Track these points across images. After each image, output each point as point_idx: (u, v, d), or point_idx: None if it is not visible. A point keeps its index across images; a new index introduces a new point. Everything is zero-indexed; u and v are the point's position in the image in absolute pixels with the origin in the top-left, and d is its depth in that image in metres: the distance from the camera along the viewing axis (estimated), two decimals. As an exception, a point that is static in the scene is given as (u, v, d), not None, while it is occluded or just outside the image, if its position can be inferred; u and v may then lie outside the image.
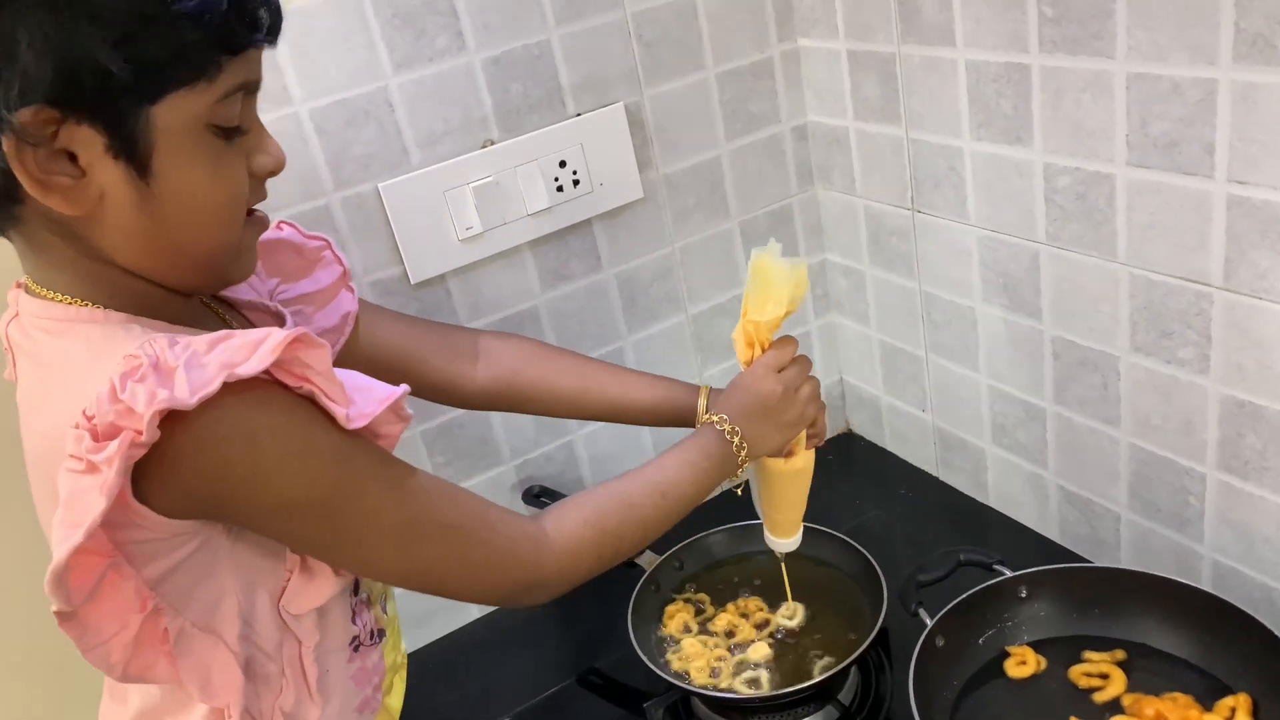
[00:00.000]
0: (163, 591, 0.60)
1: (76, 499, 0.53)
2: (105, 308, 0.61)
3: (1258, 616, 0.85)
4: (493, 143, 1.08)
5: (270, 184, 0.77)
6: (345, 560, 0.67)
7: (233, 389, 0.55)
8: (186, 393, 0.53)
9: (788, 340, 0.87)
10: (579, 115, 1.11)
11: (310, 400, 0.59)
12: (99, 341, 0.60)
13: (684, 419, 0.93)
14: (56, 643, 0.59)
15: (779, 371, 0.85)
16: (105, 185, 0.57)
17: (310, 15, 0.96)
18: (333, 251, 0.86)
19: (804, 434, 0.89)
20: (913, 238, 1.17)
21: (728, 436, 0.83)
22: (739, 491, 0.86)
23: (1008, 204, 1.02)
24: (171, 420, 0.54)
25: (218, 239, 0.63)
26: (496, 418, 1.18)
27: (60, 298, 0.61)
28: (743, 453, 0.83)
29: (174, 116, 0.57)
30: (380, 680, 0.77)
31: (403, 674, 0.87)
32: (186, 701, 0.66)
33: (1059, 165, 0.94)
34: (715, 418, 0.84)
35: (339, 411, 0.59)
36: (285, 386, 0.58)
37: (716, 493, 0.83)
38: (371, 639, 0.76)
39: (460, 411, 1.16)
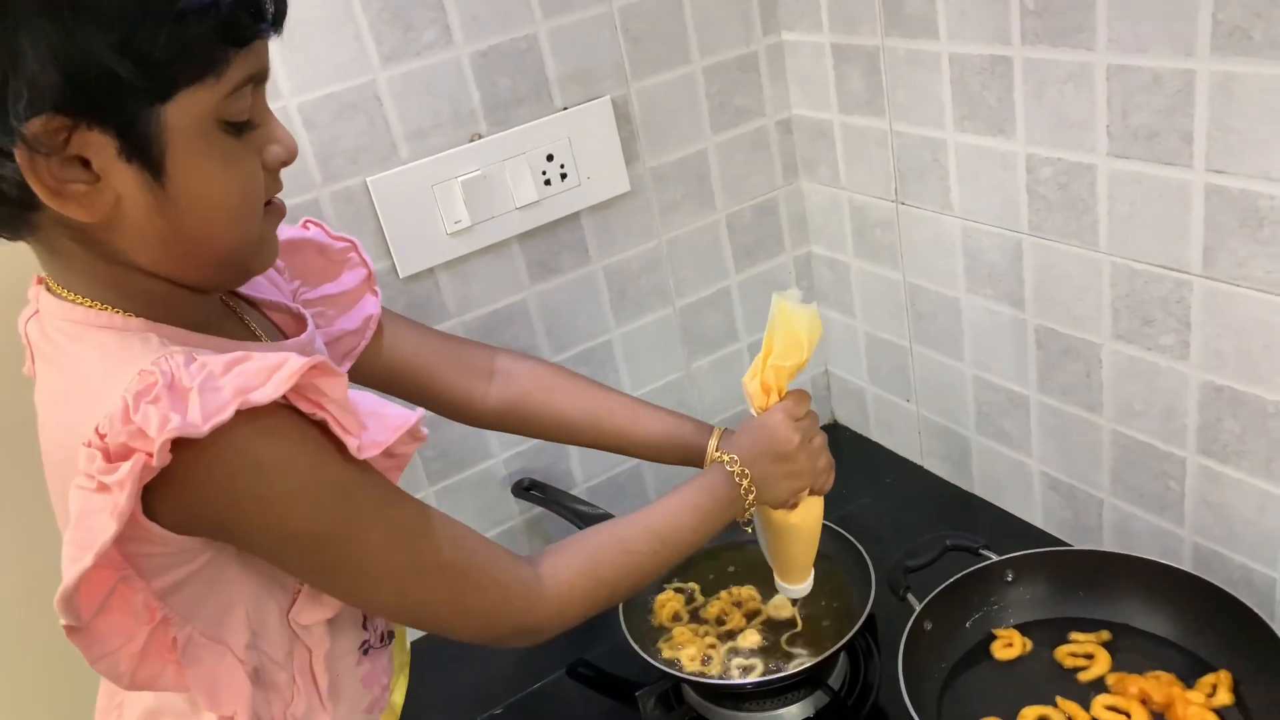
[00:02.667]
0: (172, 602, 0.60)
1: (87, 519, 0.53)
2: (125, 312, 0.61)
3: (1238, 596, 0.87)
4: (480, 136, 1.08)
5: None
6: (340, 593, 0.66)
7: (245, 416, 0.54)
8: (199, 418, 0.53)
9: (803, 393, 0.86)
10: (566, 109, 1.12)
11: (321, 427, 0.58)
12: (115, 351, 0.59)
13: (693, 458, 0.90)
14: (55, 636, 0.59)
15: (796, 420, 0.83)
16: (120, 189, 0.57)
17: (298, 8, 0.95)
18: (359, 253, 0.85)
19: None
20: (897, 229, 1.18)
21: (736, 478, 0.81)
22: (749, 529, 0.88)
23: (991, 195, 1.03)
24: (183, 444, 0.53)
25: (238, 235, 0.62)
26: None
27: (80, 300, 0.61)
28: (750, 496, 0.82)
29: (185, 115, 0.56)
30: (389, 680, 0.77)
31: (406, 671, 0.87)
32: (191, 708, 0.66)
33: (1041, 156, 0.95)
34: (726, 457, 0.83)
35: (350, 442, 0.58)
36: (298, 412, 0.58)
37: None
38: (382, 641, 0.76)
39: (450, 405, 1.16)
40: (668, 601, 1.08)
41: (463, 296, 1.13)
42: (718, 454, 0.84)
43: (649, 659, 1.00)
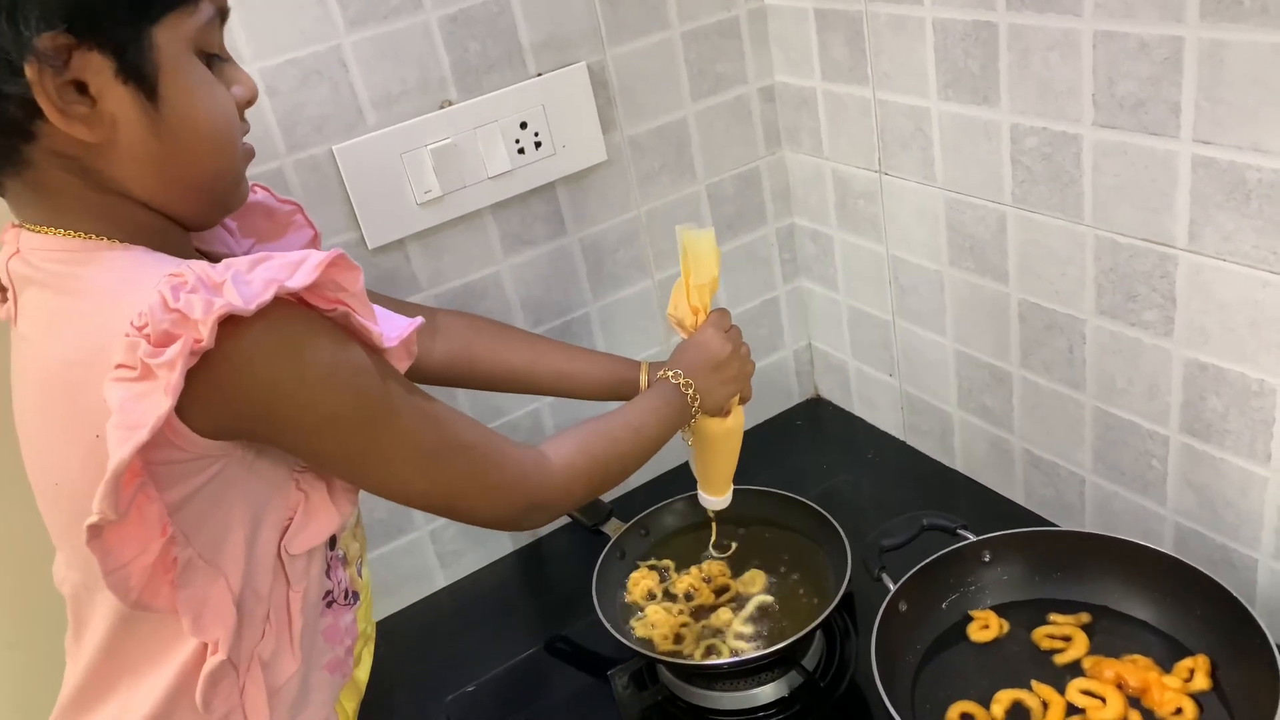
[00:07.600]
0: (178, 519, 0.61)
1: (133, 403, 0.54)
2: (122, 241, 0.62)
3: (1218, 579, 0.85)
4: (451, 103, 1.05)
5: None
6: (373, 478, 0.68)
7: (278, 304, 0.57)
8: (241, 302, 0.55)
9: (723, 309, 0.95)
10: (540, 75, 1.09)
11: (343, 323, 0.61)
12: (129, 267, 0.61)
13: (627, 393, 0.97)
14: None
15: (725, 332, 0.92)
16: (116, 112, 0.59)
17: (258, -30, 0.93)
18: (304, 216, 0.86)
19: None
20: (880, 200, 1.15)
21: (683, 389, 0.89)
22: (688, 441, 0.96)
23: (975, 166, 1.00)
24: (223, 333, 0.55)
25: (221, 163, 0.66)
26: (460, 389, 1.16)
27: (73, 233, 0.62)
28: (696, 403, 0.89)
29: (171, 38, 0.60)
30: (352, 644, 0.77)
31: (371, 647, 0.86)
32: (140, 670, 0.67)
33: (1026, 125, 0.93)
34: (670, 373, 0.89)
35: (374, 330, 0.62)
36: (317, 310, 0.60)
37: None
38: (346, 599, 0.76)
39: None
40: (641, 579, 1.07)
41: (434, 269, 1.10)
42: (663, 373, 0.90)
43: (621, 638, 0.98)
